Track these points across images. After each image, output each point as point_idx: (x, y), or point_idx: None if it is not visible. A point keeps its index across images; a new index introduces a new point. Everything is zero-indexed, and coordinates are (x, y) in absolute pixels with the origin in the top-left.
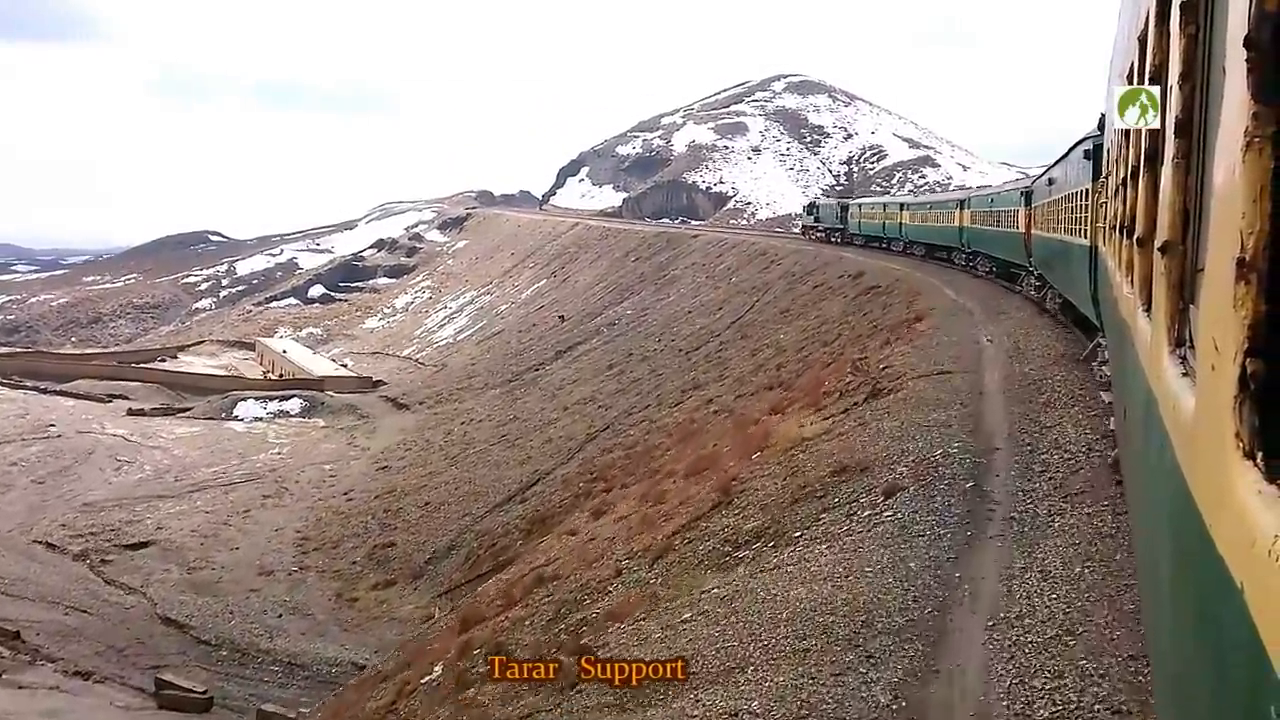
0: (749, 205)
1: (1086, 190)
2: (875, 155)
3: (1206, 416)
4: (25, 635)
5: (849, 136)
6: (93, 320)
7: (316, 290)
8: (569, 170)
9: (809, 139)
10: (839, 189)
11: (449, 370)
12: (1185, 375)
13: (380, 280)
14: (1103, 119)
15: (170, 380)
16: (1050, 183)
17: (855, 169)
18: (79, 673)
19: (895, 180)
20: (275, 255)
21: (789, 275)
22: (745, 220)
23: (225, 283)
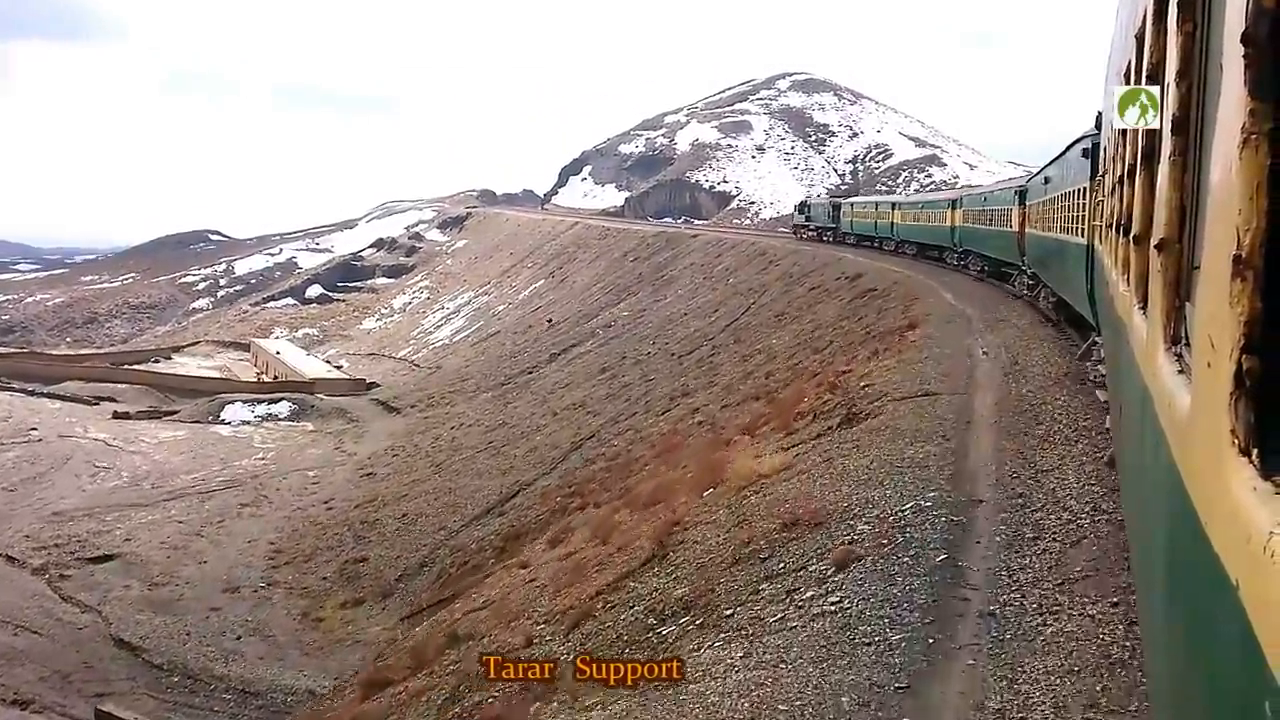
0: (752, 205)
1: (1084, 189)
2: (881, 154)
3: (1202, 413)
4: None
5: (854, 135)
6: (88, 320)
7: (314, 290)
8: (571, 169)
9: (814, 138)
10: (844, 188)
11: (443, 373)
12: (1181, 372)
13: (379, 280)
14: (1100, 118)
15: (158, 382)
16: (1046, 181)
17: (860, 168)
18: (17, 701)
19: (901, 179)
20: (274, 255)
21: (787, 277)
22: (749, 220)
23: (223, 282)
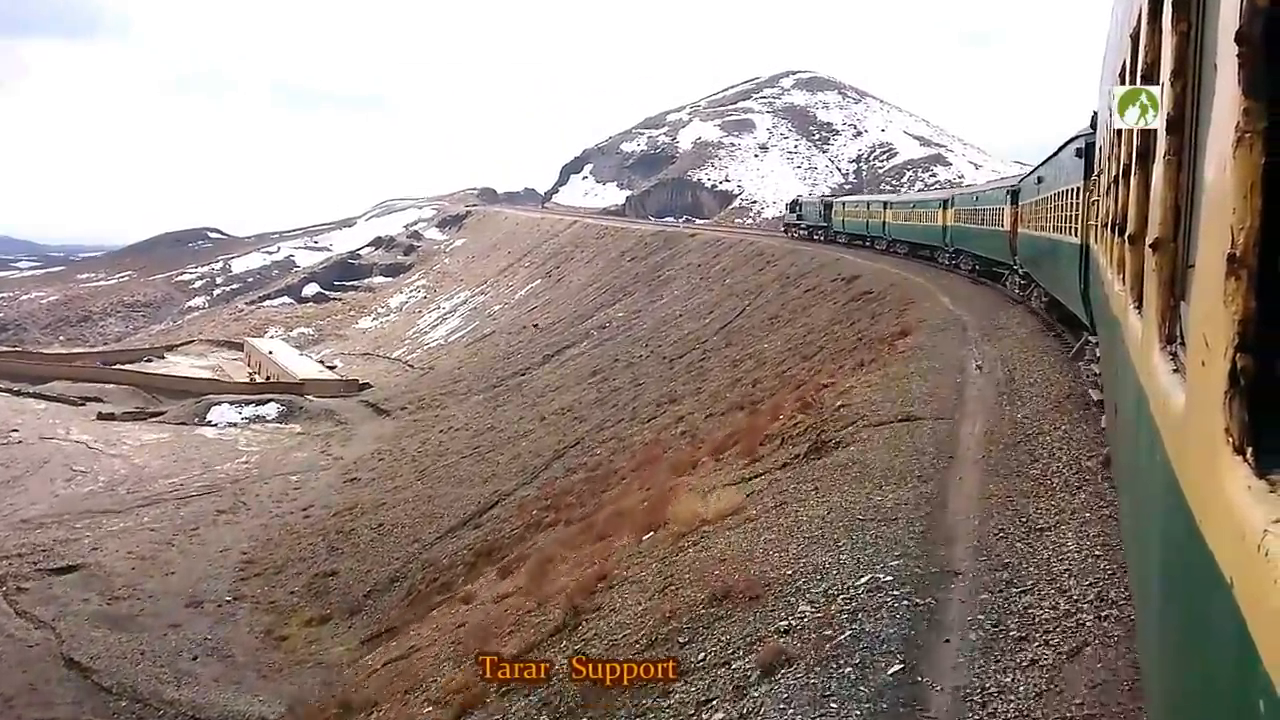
0: (755, 204)
1: (1078, 188)
2: (885, 153)
3: (1197, 412)
4: None
5: (858, 134)
6: (82, 318)
7: (311, 289)
8: (572, 167)
9: (817, 136)
10: (847, 187)
11: (435, 374)
12: (1176, 372)
13: (376, 279)
14: (1095, 117)
15: (145, 382)
16: (1039, 181)
17: (864, 167)
18: None
19: (905, 179)
20: (272, 253)
21: (783, 278)
22: (751, 219)
23: (219, 281)
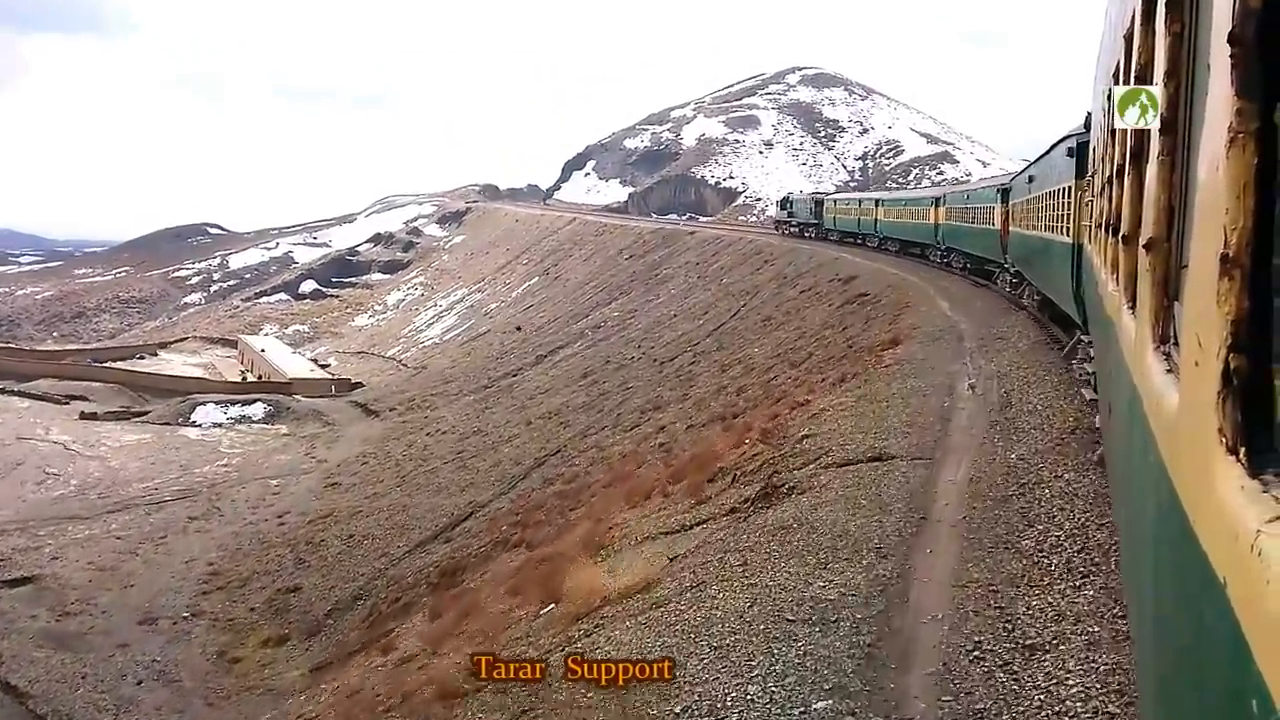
0: (759, 201)
1: (1070, 188)
2: (892, 150)
3: (1190, 412)
4: None
5: (865, 131)
6: (76, 314)
7: (308, 286)
8: (575, 164)
9: (823, 133)
10: (853, 185)
11: (427, 373)
12: (1169, 372)
13: (374, 276)
14: (1089, 117)
15: (131, 381)
16: (1030, 180)
17: (871, 164)
18: None
19: (912, 176)
20: (270, 249)
21: (780, 277)
22: (755, 216)
23: (217, 277)
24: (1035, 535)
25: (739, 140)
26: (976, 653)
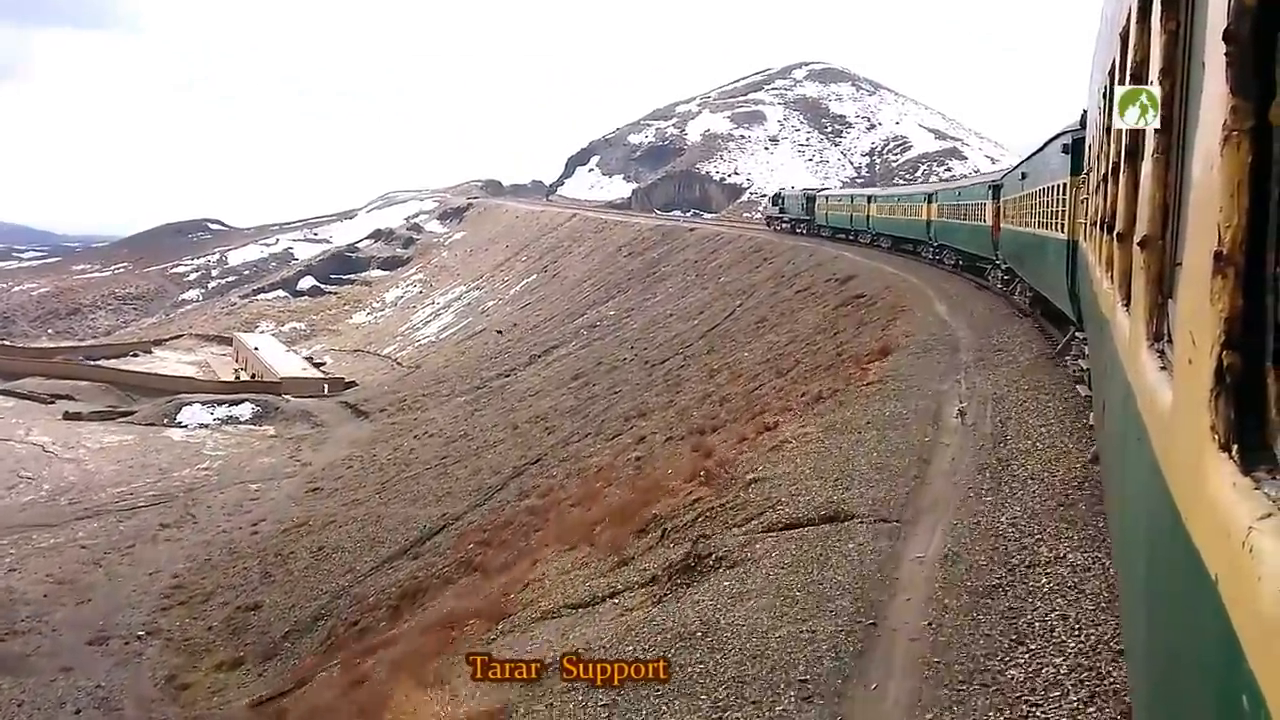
0: (764, 197)
1: (1065, 184)
2: (899, 146)
3: (1183, 410)
4: None
5: (872, 127)
6: (71, 311)
7: (306, 283)
8: (578, 159)
9: (830, 129)
10: (860, 181)
11: (421, 373)
12: (1163, 369)
13: (373, 272)
14: (1085, 115)
15: (119, 380)
16: (1023, 177)
17: (878, 160)
18: None
19: (920, 172)
20: (270, 245)
21: (778, 276)
22: (759, 213)
23: (215, 273)
24: (1025, 661)
25: (744, 136)
26: None
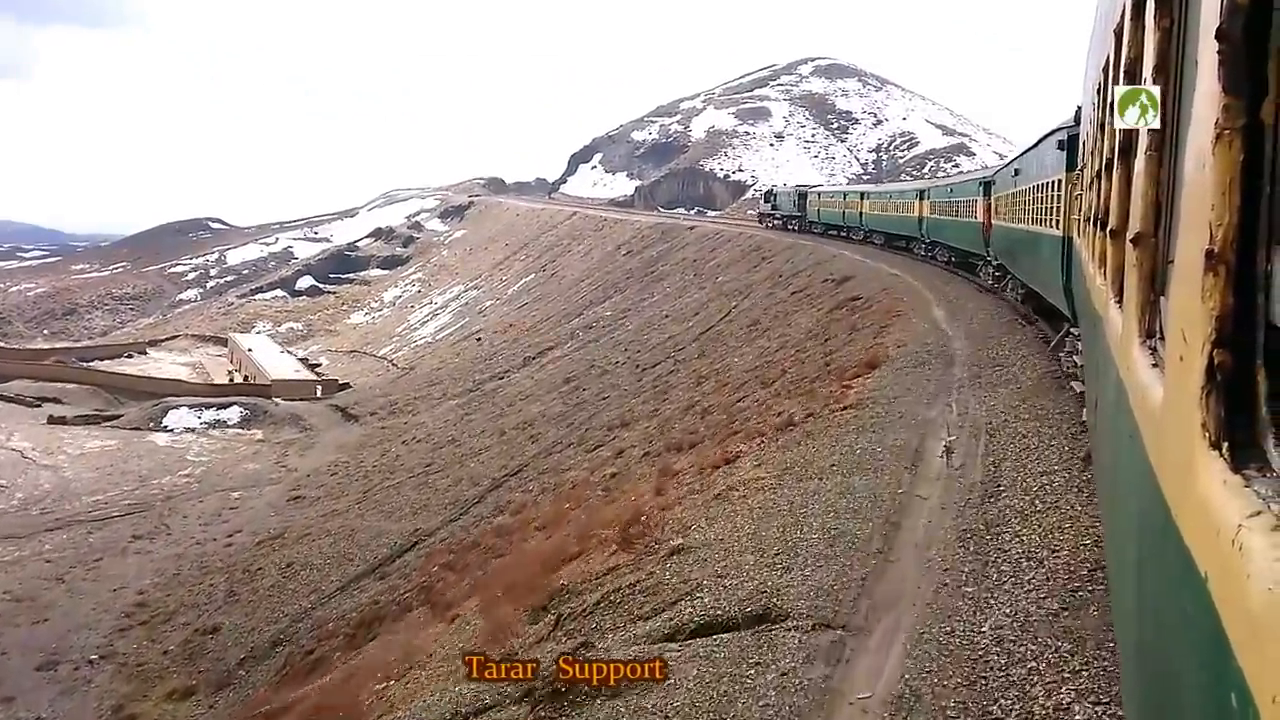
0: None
1: (1060, 180)
2: (906, 142)
3: (1174, 407)
4: None
5: (879, 123)
6: (68, 311)
7: (305, 282)
8: (581, 157)
9: (836, 125)
10: (866, 177)
11: (415, 375)
12: (1155, 366)
13: (373, 271)
14: (1079, 112)
15: (107, 382)
16: (1015, 174)
17: (884, 156)
18: None
19: (927, 169)
20: (270, 244)
21: (775, 276)
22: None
23: (213, 273)
24: None
25: (749, 132)
26: None
